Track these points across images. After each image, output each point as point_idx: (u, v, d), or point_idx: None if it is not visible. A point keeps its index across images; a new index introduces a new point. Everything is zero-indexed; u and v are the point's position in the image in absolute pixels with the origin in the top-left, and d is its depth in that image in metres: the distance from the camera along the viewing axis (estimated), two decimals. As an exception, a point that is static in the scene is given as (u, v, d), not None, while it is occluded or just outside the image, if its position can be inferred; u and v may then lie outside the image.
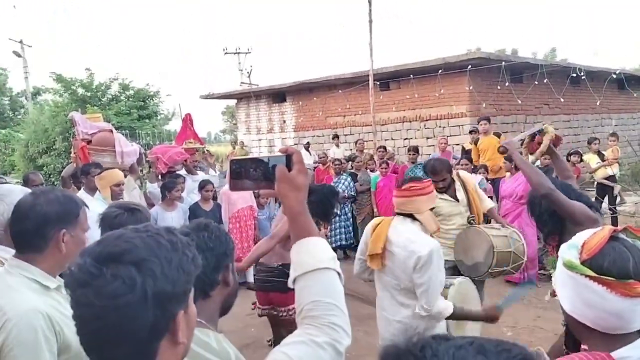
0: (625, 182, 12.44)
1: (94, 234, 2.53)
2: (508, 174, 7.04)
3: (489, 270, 4.04)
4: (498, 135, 9.22)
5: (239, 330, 5.53)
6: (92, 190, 4.68)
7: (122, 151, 5.34)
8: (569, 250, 1.21)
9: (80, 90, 20.45)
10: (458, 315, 2.86)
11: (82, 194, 4.67)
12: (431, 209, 2.93)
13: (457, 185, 4.54)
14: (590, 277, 1.15)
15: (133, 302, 0.85)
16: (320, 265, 1.15)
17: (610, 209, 8.90)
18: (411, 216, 2.88)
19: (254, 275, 4.11)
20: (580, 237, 1.23)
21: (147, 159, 6.76)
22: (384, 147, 10.10)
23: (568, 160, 8.53)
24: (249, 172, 1.25)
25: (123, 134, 11.49)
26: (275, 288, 3.85)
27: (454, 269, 4.28)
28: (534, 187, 2.77)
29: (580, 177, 8.51)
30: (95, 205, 4.20)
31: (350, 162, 9.97)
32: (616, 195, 8.97)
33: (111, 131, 5.57)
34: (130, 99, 20.91)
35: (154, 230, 0.96)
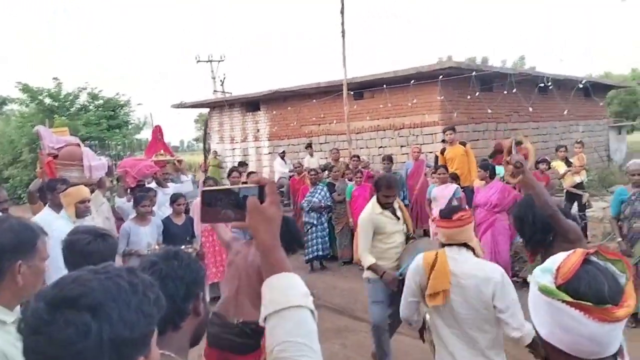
0: (593, 187, 12.74)
1: (57, 256, 2.44)
2: (483, 182, 7.12)
3: None
4: (464, 144, 9.32)
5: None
6: (58, 206, 4.53)
7: (90, 165, 5.22)
8: (544, 275, 1.20)
9: (48, 100, 20.07)
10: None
11: (47, 211, 4.53)
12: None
13: (396, 203, 4.51)
14: (567, 302, 1.13)
15: (87, 349, 0.81)
16: (292, 303, 1.10)
17: (579, 215, 9.08)
18: (463, 245, 2.84)
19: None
20: (554, 262, 1.22)
21: (116, 171, 6.62)
22: (358, 156, 10.13)
23: (537, 168, 8.68)
24: (220, 204, 1.21)
25: (92, 145, 11.28)
26: (232, 348, 3.33)
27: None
28: (542, 207, 2.78)
29: (550, 184, 8.66)
30: (60, 224, 4.09)
31: (326, 172, 9.96)
32: (585, 203, 9.15)
33: (78, 145, 5.43)
34: (100, 109, 20.61)
35: (114, 271, 0.91)
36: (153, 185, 6.86)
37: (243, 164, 13.36)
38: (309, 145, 13.44)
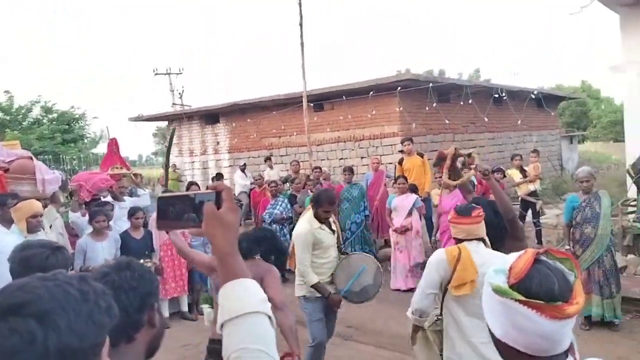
0: (547, 195, 13.15)
1: (7, 272, 2.35)
2: (439, 191, 7.24)
3: (379, 290, 4.36)
4: (421, 155, 9.48)
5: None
6: (8, 222, 4.36)
7: (43, 179, 5.05)
8: (497, 275, 1.22)
9: (-1, 114, 19.41)
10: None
11: (-4, 226, 4.35)
12: None
13: (331, 217, 4.54)
14: (520, 301, 1.15)
15: (32, 359, 0.77)
16: (249, 309, 1.08)
17: (534, 222, 9.35)
18: (480, 239, 3.03)
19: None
20: (506, 262, 1.25)
21: (70, 186, 6.43)
22: (320, 168, 10.16)
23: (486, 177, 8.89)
24: (176, 210, 1.18)
25: (46, 159, 10.94)
26: None
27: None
28: (505, 211, 3.32)
29: (505, 192, 8.89)
30: (11, 240, 3.93)
31: (287, 184, 9.94)
32: (539, 210, 9.43)
33: (31, 158, 5.25)
34: (54, 123, 20.05)
35: (64, 278, 0.88)
36: (109, 199, 6.70)
37: (220, 175, 13.28)
38: (268, 158, 13.39)
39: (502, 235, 3.25)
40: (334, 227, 4.50)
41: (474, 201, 3.89)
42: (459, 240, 3.08)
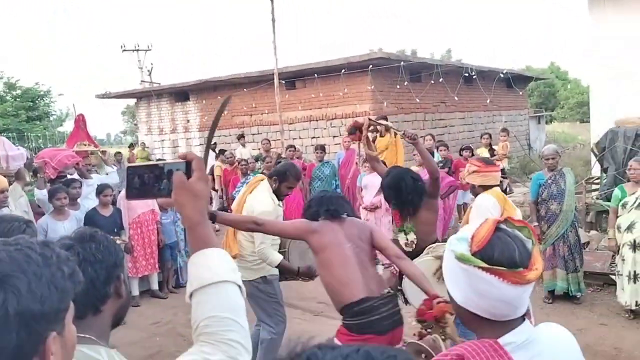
0: (514, 174, 13.43)
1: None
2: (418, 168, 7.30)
3: None
4: (395, 134, 9.54)
5: (144, 340, 5.30)
6: (-30, 199, 4.25)
7: (7, 155, 4.93)
8: (459, 243, 1.26)
9: (-42, 90, 18.73)
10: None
11: (-42, 204, 4.24)
12: None
13: None
14: (483, 268, 1.19)
15: None
16: (218, 278, 1.09)
17: (501, 199, 9.55)
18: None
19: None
20: (468, 230, 1.28)
21: (34, 163, 6.27)
22: (293, 146, 10.13)
23: (460, 155, 9.03)
24: (146, 180, 1.18)
25: (10, 137, 10.64)
26: (399, 320, 3.06)
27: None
28: (432, 172, 3.82)
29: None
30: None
31: (258, 162, 9.90)
32: (505, 188, 9.62)
33: None
34: (18, 99, 19.45)
35: (25, 243, 0.87)
36: (76, 176, 6.57)
37: (223, 151, 13.12)
38: (241, 136, 13.26)
39: (420, 199, 3.74)
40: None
41: (390, 169, 4.08)
42: (485, 187, 3.81)
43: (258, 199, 3.97)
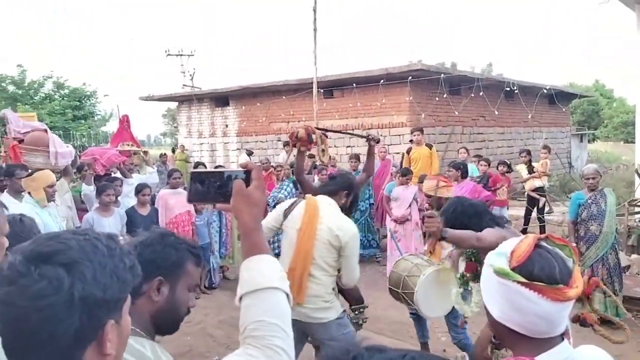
0: (554, 192, 13.10)
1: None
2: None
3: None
4: (430, 146, 9.47)
5: (174, 339, 5.37)
6: (16, 192, 4.41)
7: (56, 152, 5.10)
8: (499, 258, 1.25)
9: (11, 88, 19.51)
10: None
11: (5, 197, 4.40)
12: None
13: None
14: (522, 283, 1.18)
15: (57, 304, 0.82)
16: (268, 284, 1.12)
17: (538, 218, 9.34)
18: None
19: None
20: (508, 246, 1.27)
21: (80, 160, 6.49)
22: (312, 154, 10.13)
23: (497, 169, 8.88)
24: (207, 185, 1.24)
25: (57, 135, 11.01)
26: None
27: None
28: (367, 174, 4.10)
29: (511, 187, 8.87)
30: (23, 209, 3.99)
31: (293, 168, 9.95)
32: (542, 207, 9.40)
33: (45, 131, 5.31)
34: (65, 99, 20.12)
35: (93, 234, 0.93)
36: (117, 175, 6.76)
37: (250, 153, 13.32)
38: (286, 143, 13.06)
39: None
40: None
41: (331, 177, 3.81)
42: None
43: (343, 223, 3.30)
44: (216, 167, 8.75)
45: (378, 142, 4.17)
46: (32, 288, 0.82)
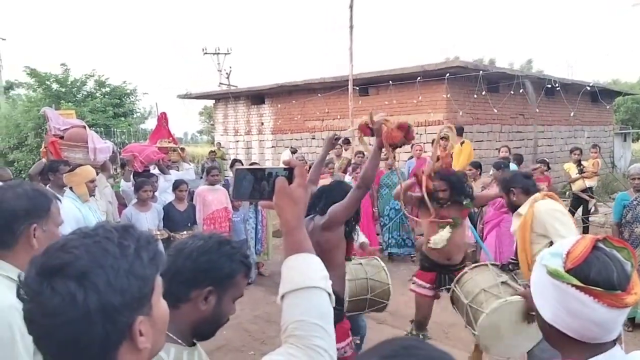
0: (596, 193, 12.70)
1: (66, 234, 2.45)
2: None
3: (348, 300, 3.70)
4: (461, 143, 9.28)
5: (210, 334, 5.44)
6: (59, 188, 4.52)
7: (94, 148, 5.21)
8: (553, 259, 1.19)
9: (55, 86, 20.10)
10: None
11: (49, 192, 4.52)
12: None
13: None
14: (577, 287, 1.13)
15: (75, 319, 0.80)
16: (310, 283, 1.10)
17: (582, 219, 9.04)
18: None
19: None
20: (563, 246, 1.21)
21: (120, 157, 6.62)
22: (362, 153, 10.08)
23: (535, 169, 8.60)
24: (251, 182, 1.24)
25: (98, 132, 11.29)
26: None
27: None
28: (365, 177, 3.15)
29: (550, 186, 8.60)
30: (67, 203, 4.10)
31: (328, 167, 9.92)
32: (590, 209, 9.08)
33: (84, 127, 5.43)
34: (106, 96, 20.61)
35: (104, 233, 0.88)
36: (155, 171, 6.86)
37: (294, 151, 13.22)
38: (347, 142, 12.37)
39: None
40: None
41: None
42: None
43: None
44: (251, 164, 8.80)
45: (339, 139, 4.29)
46: (48, 306, 0.80)
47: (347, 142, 11.03)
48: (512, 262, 3.81)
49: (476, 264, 4.03)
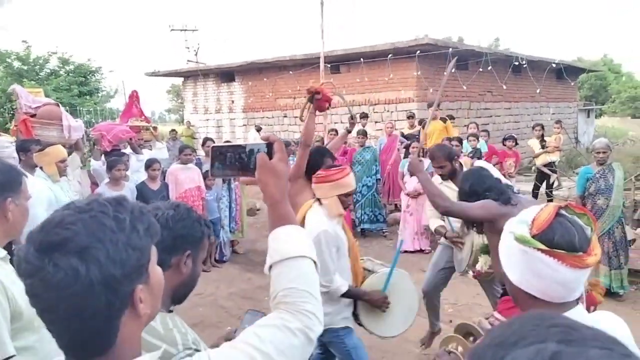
0: (560, 168, 13.09)
1: (37, 214, 2.46)
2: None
3: (467, 269, 3.94)
4: (444, 120, 9.45)
5: (187, 310, 5.47)
6: (31, 168, 4.41)
7: (69, 125, 5.09)
8: (520, 225, 1.29)
9: (16, 64, 19.45)
10: (352, 295, 3.03)
11: (20, 172, 4.43)
12: (346, 195, 2.98)
13: None
14: (543, 251, 1.22)
15: (79, 292, 0.84)
16: (297, 253, 1.15)
17: (546, 193, 9.36)
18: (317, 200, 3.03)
19: None
20: (529, 214, 1.31)
21: (89, 136, 6.53)
22: (335, 130, 10.14)
23: (504, 145, 8.83)
24: (230, 159, 1.26)
25: (63, 111, 11.01)
26: None
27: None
28: (433, 206, 3.18)
29: (518, 162, 8.85)
30: (39, 183, 4.03)
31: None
32: (553, 182, 9.38)
33: (58, 105, 5.31)
34: (70, 74, 20.06)
35: (98, 207, 0.91)
36: (127, 150, 6.79)
37: (259, 129, 12.93)
38: (364, 116, 10.92)
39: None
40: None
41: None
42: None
43: None
44: (225, 142, 8.77)
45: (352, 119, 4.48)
46: (51, 280, 0.83)
47: (365, 115, 11.05)
48: None
49: None
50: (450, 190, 4.07)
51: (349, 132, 4.68)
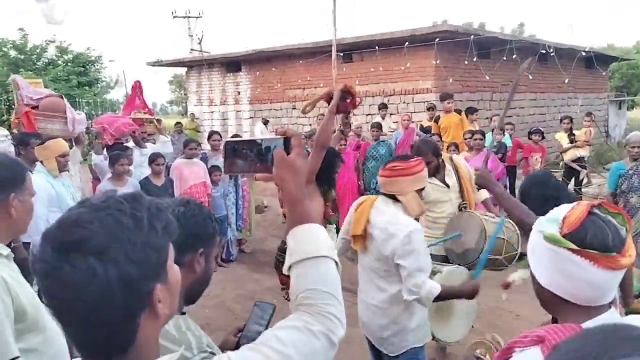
0: (590, 164, 12.99)
1: (37, 211, 2.50)
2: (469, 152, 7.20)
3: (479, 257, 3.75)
4: (459, 112, 9.41)
5: (193, 312, 5.49)
6: (31, 162, 4.46)
7: (73, 118, 5.12)
8: (550, 224, 1.29)
9: (13, 53, 19.66)
10: (444, 295, 2.76)
11: (19, 167, 4.48)
12: (420, 191, 2.85)
13: (448, 169, 4.20)
14: (574, 251, 1.23)
15: (97, 292, 0.86)
16: (318, 253, 1.16)
17: (575, 190, 9.28)
18: (394, 197, 2.84)
19: None
20: (559, 212, 1.31)
21: (90, 129, 6.59)
22: (333, 130, 10.08)
23: (530, 139, 8.76)
24: (244, 154, 1.26)
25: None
26: None
27: (444, 259, 3.95)
28: (517, 224, 2.75)
29: (545, 157, 8.79)
30: (38, 179, 4.08)
31: (308, 139, 9.98)
32: (582, 179, 9.29)
33: (61, 97, 5.34)
34: (69, 64, 20.24)
35: (115, 205, 0.93)
36: (131, 144, 6.84)
37: (266, 121, 12.82)
38: (383, 106, 11.44)
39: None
40: (449, 182, 4.10)
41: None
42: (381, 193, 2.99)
43: None
44: (233, 136, 8.81)
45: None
46: (68, 281, 0.85)
47: (384, 106, 11.07)
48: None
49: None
50: (436, 187, 4.03)
51: (342, 132, 4.66)
